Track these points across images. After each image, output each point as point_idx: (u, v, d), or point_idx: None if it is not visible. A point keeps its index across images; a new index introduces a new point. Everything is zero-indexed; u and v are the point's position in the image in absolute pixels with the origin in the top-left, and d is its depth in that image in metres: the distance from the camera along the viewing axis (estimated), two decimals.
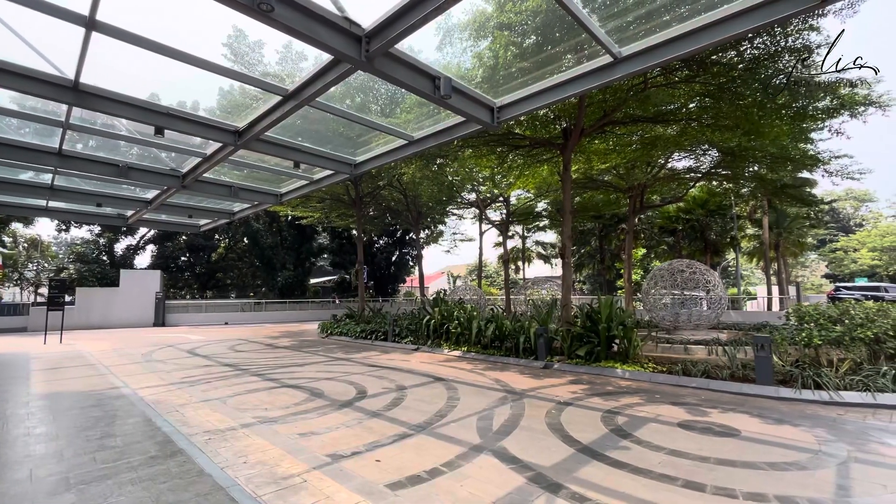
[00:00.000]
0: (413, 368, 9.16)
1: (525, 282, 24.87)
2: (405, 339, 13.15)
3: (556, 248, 37.41)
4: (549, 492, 3.41)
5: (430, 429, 5.03)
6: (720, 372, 7.22)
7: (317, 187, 9.43)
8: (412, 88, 4.88)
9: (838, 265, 50.85)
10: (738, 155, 13.89)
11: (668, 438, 4.59)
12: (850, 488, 3.43)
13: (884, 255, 48.89)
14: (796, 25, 8.37)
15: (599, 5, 5.59)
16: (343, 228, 32.79)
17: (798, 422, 5.14)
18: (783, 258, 28.66)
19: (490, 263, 60.25)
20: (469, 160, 13.91)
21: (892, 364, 6.49)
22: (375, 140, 7.71)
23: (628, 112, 10.97)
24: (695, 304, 13.63)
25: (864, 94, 11.10)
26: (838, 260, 51.43)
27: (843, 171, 16.66)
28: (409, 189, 19.71)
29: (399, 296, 40.51)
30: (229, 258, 37.67)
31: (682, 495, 3.33)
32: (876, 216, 56.42)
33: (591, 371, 8.34)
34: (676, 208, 25.27)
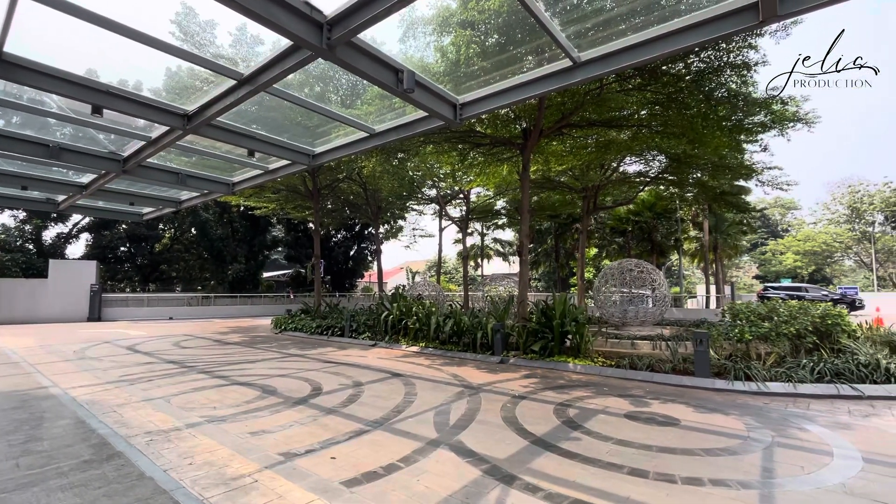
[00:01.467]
0: (370, 364, 9.07)
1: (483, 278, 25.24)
2: (363, 334, 12.99)
3: (514, 246, 38.21)
4: (503, 483, 3.50)
5: (387, 425, 5.01)
6: (663, 365, 7.66)
7: (272, 177, 9.08)
8: (375, 80, 4.80)
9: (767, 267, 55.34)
10: (684, 161, 14.75)
11: (615, 429, 4.83)
12: (774, 470, 3.75)
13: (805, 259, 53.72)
14: (737, 43, 8.98)
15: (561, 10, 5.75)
16: (299, 221, 31.83)
17: (730, 411, 5.56)
18: (720, 260, 30.77)
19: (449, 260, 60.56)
20: (430, 156, 13.90)
21: (811, 357, 7.15)
22: (335, 131, 7.52)
23: (585, 116, 11.36)
24: (641, 302, 14.37)
25: (793, 112, 12.09)
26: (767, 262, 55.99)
27: (774, 181, 18.17)
28: (369, 183, 19.43)
29: (357, 291, 39.90)
30: (175, 249, 35.56)
31: (628, 482, 3.51)
32: (800, 223, 61.79)
33: (545, 365, 8.60)
34: (627, 210, 26.51)
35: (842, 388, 6.26)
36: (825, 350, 7.43)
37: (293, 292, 33.76)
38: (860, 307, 26.01)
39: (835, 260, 55.78)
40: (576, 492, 3.33)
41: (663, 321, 15.14)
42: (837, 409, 5.57)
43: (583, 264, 20.38)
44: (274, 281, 40.61)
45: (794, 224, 62.18)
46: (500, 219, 28.59)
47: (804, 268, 53.42)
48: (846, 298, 26.84)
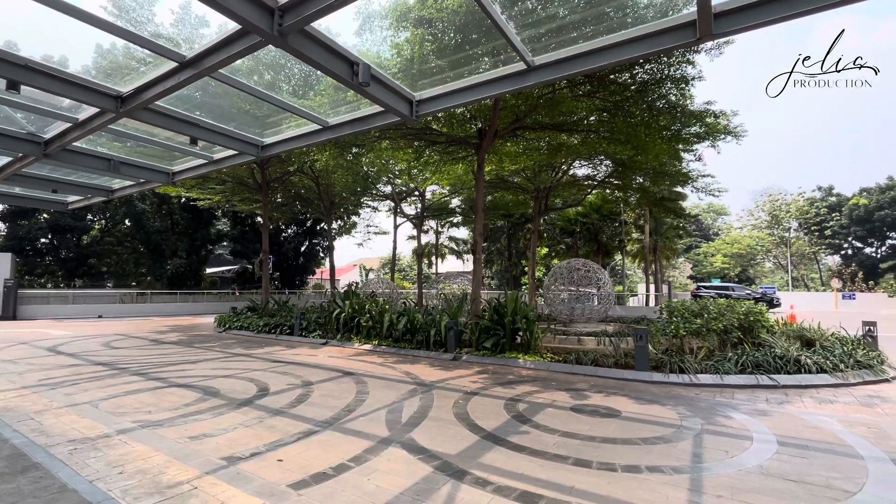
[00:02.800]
0: (321, 363, 8.85)
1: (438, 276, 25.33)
2: (313, 333, 12.64)
3: (469, 245, 38.63)
4: (454, 478, 3.54)
5: (338, 424, 4.92)
6: (607, 360, 8.06)
7: (217, 168, 8.60)
8: (329, 72, 4.68)
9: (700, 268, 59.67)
10: (628, 167, 15.56)
11: (561, 421, 5.02)
12: (702, 456, 4.06)
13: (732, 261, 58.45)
14: (677, 57, 9.58)
15: (516, 13, 5.87)
16: (247, 214, 30.40)
17: (666, 401, 5.94)
18: (659, 261, 32.79)
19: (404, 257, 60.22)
20: (386, 152, 13.74)
21: (735, 351, 7.79)
22: (286, 122, 7.25)
23: (538, 118, 11.68)
24: (588, 300, 15.00)
25: (724, 125, 13.09)
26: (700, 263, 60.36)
27: (707, 188, 19.62)
28: (321, 177, 18.89)
29: (308, 288, 38.72)
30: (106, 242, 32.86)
31: (573, 472, 3.67)
32: (728, 227, 67.11)
33: (497, 362, 8.78)
34: (575, 212, 27.58)
35: (761, 378, 6.88)
36: (748, 344, 8.12)
37: (239, 289, 32.23)
38: (777, 305, 28.69)
39: (757, 262, 61.14)
40: (524, 484, 3.43)
41: (607, 318, 15.89)
42: (757, 398, 6.12)
43: (534, 263, 20.99)
44: (218, 277, 38.56)
45: (723, 228, 67.44)
46: (455, 217, 28.80)
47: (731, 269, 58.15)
48: (766, 297, 29.55)
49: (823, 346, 8.24)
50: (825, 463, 3.88)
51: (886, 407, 5.68)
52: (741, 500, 3.19)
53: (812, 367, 7.17)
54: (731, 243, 59.98)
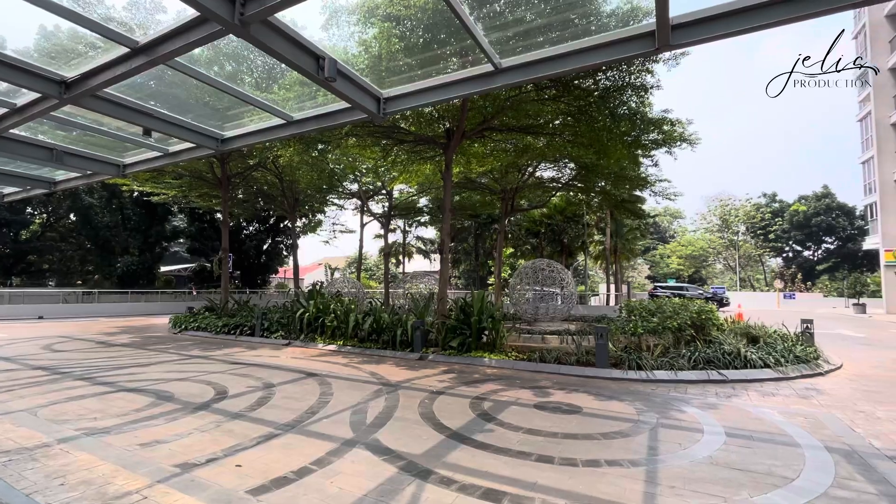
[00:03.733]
0: (283, 364, 8.61)
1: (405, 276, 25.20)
2: (275, 333, 12.28)
3: (436, 244, 38.66)
4: (419, 478, 3.53)
5: (300, 427, 4.80)
6: (569, 358, 8.27)
7: (173, 161, 8.19)
8: (293, 65, 4.54)
9: (657, 268, 62.32)
10: (591, 170, 16.04)
11: (525, 419, 5.11)
12: (658, 448, 4.24)
13: (686, 262, 61.43)
14: (637, 66, 9.96)
15: (485, 15, 5.92)
16: (205, 210, 29.17)
17: (624, 397, 6.16)
18: (619, 261, 33.96)
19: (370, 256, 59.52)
20: (353, 149, 13.54)
21: (688, 347, 8.19)
22: (248, 115, 6.99)
23: (505, 120, 11.84)
24: (552, 299, 15.34)
25: (680, 133, 13.73)
26: (657, 264, 63.04)
27: (664, 192, 20.55)
28: (285, 173, 18.39)
29: (270, 287, 37.61)
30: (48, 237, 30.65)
31: (536, 468, 3.74)
32: (683, 230, 70.46)
33: (463, 361, 8.83)
34: (540, 213, 28.15)
35: (711, 373, 7.26)
36: (700, 341, 8.55)
37: (197, 288, 30.88)
38: (727, 304, 30.37)
39: (709, 263, 64.53)
40: (488, 481, 3.47)
41: (570, 317, 16.32)
42: (708, 392, 6.45)
43: (500, 263, 21.25)
44: (174, 276, 36.81)
45: (678, 231, 70.74)
46: (422, 216, 28.76)
47: (686, 270, 61.10)
48: (716, 297, 31.23)
49: (767, 342, 8.80)
50: (768, 452, 4.13)
51: (821, 399, 6.12)
52: (692, 490, 3.35)
53: (757, 362, 7.63)
54: (686, 245, 63.11)
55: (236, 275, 33.49)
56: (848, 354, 9.88)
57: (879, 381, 7.34)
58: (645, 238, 41.80)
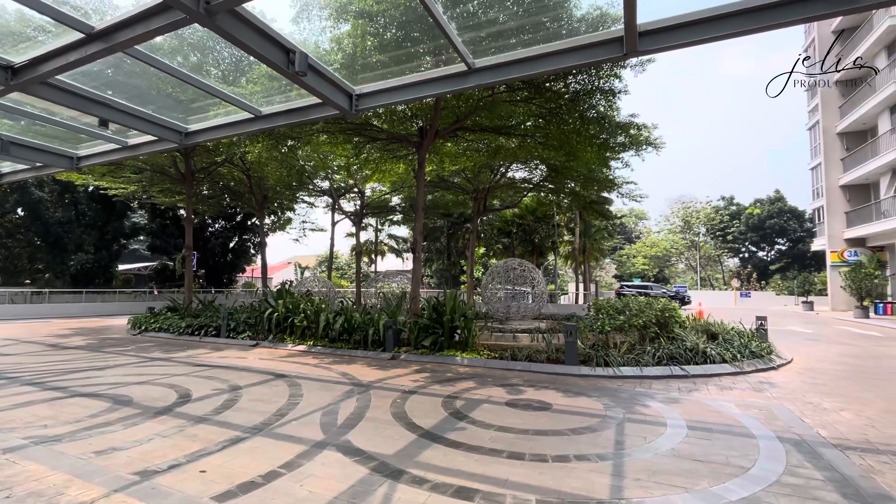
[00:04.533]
0: (250, 366, 8.37)
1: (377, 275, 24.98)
2: (243, 334, 11.92)
3: (408, 243, 38.51)
4: (391, 479, 3.51)
5: (269, 430, 4.68)
6: (540, 356, 8.42)
7: (133, 154, 7.80)
8: (262, 58, 4.42)
9: (623, 268, 64.29)
10: (561, 172, 16.36)
11: (497, 416, 5.17)
12: (624, 443, 4.37)
13: (650, 262, 63.64)
14: (606, 71, 10.21)
15: (458, 14, 5.93)
16: (168, 206, 27.96)
17: (592, 393, 6.32)
18: (588, 261, 34.82)
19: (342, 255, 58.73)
20: (324, 146, 13.30)
21: (653, 344, 8.48)
22: (214, 108, 6.75)
23: (478, 120, 11.91)
24: (523, 298, 15.56)
25: (646, 136, 14.19)
26: (623, 263, 65.05)
27: (630, 193, 21.23)
28: (253, 169, 17.87)
29: (237, 287, 36.49)
30: None
31: (507, 465, 3.79)
32: (648, 231, 72.92)
33: (435, 360, 8.83)
34: (512, 213, 28.49)
35: (674, 369, 7.54)
36: (663, 338, 8.87)
37: (158, 288, 29.60)
38: (688, 302, 31.69)
39: (672, 263, 67.06)
40: (460, 479, 3.49)
41: (541, 316, 16.60)
42: (671, 387, 6.70)
43: (472, 262, 21.38)
44: (134, 275, 35.16)
45: (643, 232, 73.14)
46: (395, 215, 28.56)
47: (650, 269, 63.29)
48: (679, 295, 32.54)
49: (725, 338, 9.22)
50: (725, 443, 4.34)
51: (774, 391, 6.47)
52: (656, 482, 3.47)
53: (716, 357, 7.99)
54: (651, 246, 65.36)
55: (201, 274, 32.30)
56: (797, 349, 10.49)
57: (825, 374, 7.82)
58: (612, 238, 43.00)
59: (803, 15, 3.34)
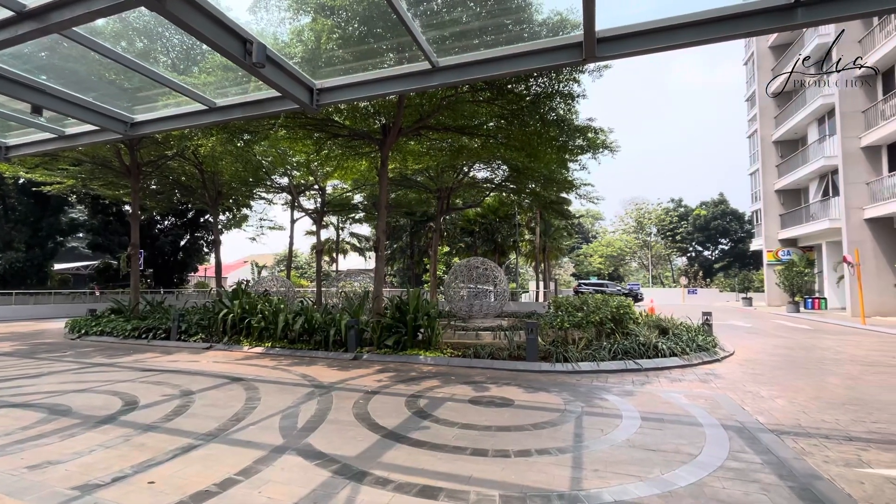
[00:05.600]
0: (204, 370, 7.99)
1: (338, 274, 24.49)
2: (195, 336, 11.36)
3: (371, 242, 38.03)
4: (354, 481, 3.45)
5: (224, 436, 4.49)
6: (502, 353, 8.55)
7: (71, 145, 7.23)
8: (217, 47, 4.21)
9: (581, 267, 66.48)
10: (522, 172, 16.68)
11: (460, 414, 5.20)
12: (583, 435, 4.52)
13: (606, 261, 66.18)
14: (566, 75, 10.50)
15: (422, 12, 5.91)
16: (112, 201, 26.19)
17: (552, 388, 6.50)
18: (548, 260, 35.72)
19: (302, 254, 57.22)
20: (283, 142, 12.88)
21: (609, 340, 8.82)
22: (163, 98, 6.37)
23: (441, 120, 11.93)
24: (486, 296, 15.76)
25: (602, 140, 14.71)
26: (581, 262, 67.25)
27: (588, 195, 21.97)
28: (206, 164, 17.03)
29: (189, 287, 34.72)
30: None
31: (471, 462, 3.82)
32: (604, 231, 75.78)
33: (398, 359, 8.78)
34: (475, 213, 28.77)
35: (629, 363, 7.88)
36: (619, 334, 9.24)
37: (100, 288, 27.67)
38: (641, 299, 33.18)
39: (626, 262, 70.04)
40: (424, 478, 3.48)
41: (503, 314, 16.88)
42: (625, 381, 6.99)
43: (435, 261, 21.41)
44: (72, 275, 32.67)
45: (600, 232, 75.93)
46: (357, 213, 28.11)
47: (606, 268, 65.80)
48: (632, 293, 34.04)
49: (675, 333, 9.73)
50: (676, 432, 4.58)
51: (719, 382, 6.90)
52: (612, 472, 3.61)
53: (666, 351, 8.42)
54: (606, 245, 67.96)
55: (149, 273, 30.50)
56: (738, 342, 11.23)
57: (763, 364, 8.43)
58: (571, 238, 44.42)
59: (746, 30, 3.57)
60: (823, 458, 3.90)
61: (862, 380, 7.08)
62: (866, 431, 4.62)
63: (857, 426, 4.79)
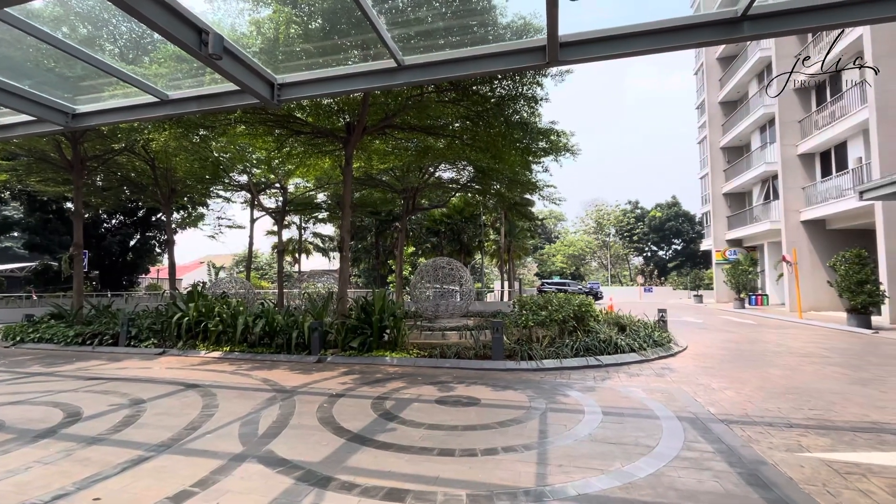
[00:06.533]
0: (156, 377, 7.57)
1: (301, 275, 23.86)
2: (146, 342, 10.74)
3: (335, 242, 37.31)
4: (318, 487, 3.37)
5: (179, 446, 4.26)
6: (468, 352, 8.60)
7: (4, 136, 6.67)
8: (169, 36, 3.98)
9: (544, 266, 67.97)
10: (487, 174, 16.85)
11: (427, 414, 5.18)
12: (547, 431, 4.61)
13: (568, 260, 68.00)
14: (529, 78, 10.69)
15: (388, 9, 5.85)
16: (51, 198, 24.34)
17: (517, 386, 6.60)
18: (512, 260, 36.28)
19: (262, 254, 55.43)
20: (242, 138, 12.41)
21: (571, 337, 9.06)
22: (110, 89, 5.98)
23: (407, 119, 11.86)
24: (452, 296, 15.80)
25: (564, 143, 15.09)
26: (544, 262, 68.77)
27: (551, 196, 22.50)
28: (159, 160, 16.14)
29: (139, 289, 32.82)
30: None
31: (438, 462, 3.81)
32: (566, 231, 77.88)
33: (364, 361, 8.65)
34: (441, 213, 28.82)
35: (590, 360, 8.12)
36: (580, 331, 9.51)
37: (37, 292, 25.67)
38: (601, 298, 34.32)
39: (586, 261, 72.26)
40: (391, 481, 3.45)
41: (469, 313, 16.97)
42: (587, 377, 7.20)
43: (401, 261, 21.28)
44: (6, 277, 30.05)
45: (562, 232, 77.98)
46: (320, 212, 27.49)
47: (568, 267, 67.64)
48: (593, 291, 35.14)
49: (633, 330, 10.12)
50: (635, 425, 4.75)
51: (674, 376, 7.23)
52: (576, 466, 3.71)
53: (625, 347, 8.74)
54: (568, 245, 69.89)
55: (94, 275, 28.58)
56: (691, 337, 11.82)
57: (713, 358, 8.91)
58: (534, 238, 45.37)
59: (696, 40, 3.76)
60: (768, 445, 4.16)
61: (799, 370, 7.62)
62: (804, 418, 4.97)
63: (797, 413, 5.15)
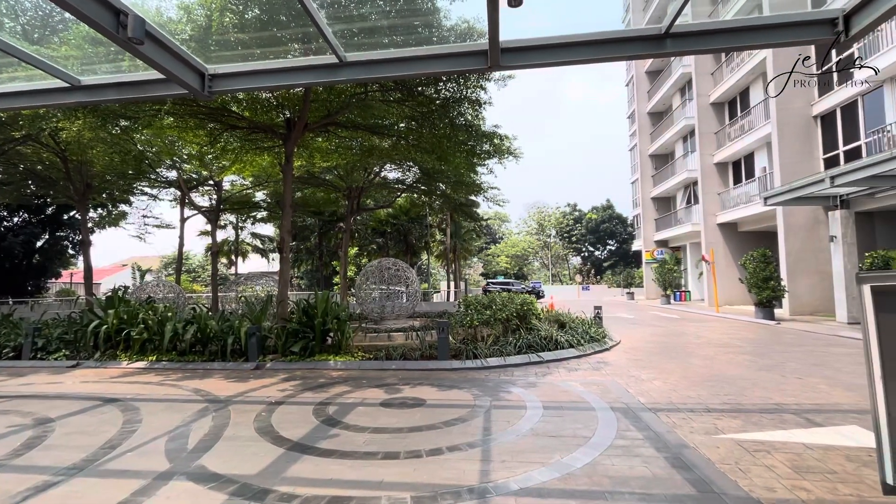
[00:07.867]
0: (67, 392, 6.82)
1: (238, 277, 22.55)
2: (56, 353, 9.65)
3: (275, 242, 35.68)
4: (255, 501, 3.20)
5: (93, 467, 3.87)
6: (414, 353, 8.57)
7: None
8: (80, 14, 3.60)
9: (489, 266, 69.49)
10: (433, 175, 16.95)
11: (371, 418, 5.10)
12: (491, 428, 4.70)
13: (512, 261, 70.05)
14: (473, 81, 10.87)
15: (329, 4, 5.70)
16: None
17: (463, 385, 6.67)
18: (458, 260, 36.72)
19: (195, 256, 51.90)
20: (170, 130, 11.52)
21: (514, 335, 9.31)
22: (9, 70, 5.32)
23: (350, 117, 11.62)
24: (398, 297, 15.68)
25: (507, 146, 15.51)
26: (489, 262, 70.31)
27: (495, 198, 23.05)
28: (72, 151, 14.59)
29: (48, 295, 29.46)
30: None
31: (382, 466, 3.76)
32: (509, 232, 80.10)
33: (306, 366, 8.35)
34: (386, 213, 28.54)
35: (532, 356, 8.39)
36: (523, 329, 9.80)
37: None
38: (542, 296, 35.65)
39: (529, 261, 74.78)
40: (333, 489, 3.35)
41: (415, 314, 16.92)
42: (529, 373, 7.43)
43: (345, 262, 20.79)
44: None
45: (506, 233, 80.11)
46: (259, 212, 26.17)
47: (512, 267, 69.63)
48: (535, 290, 36.45)
49: (572, 326, 10.60)
50: (573, 418, 4.97)
51: (608, 369, 7.65)
52: (518, 461, 3.81)
53: (565, 344, 9.13)
54: (512, 246, 71.96)
55: None
56: (623, 332, 12.60)
57: (643, 351, 9.55)
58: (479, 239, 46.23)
59: (626, 53, 4.02)
60: (689, 430, 4.52)
61: (716, 359, 8.37)
62: (720, 403, 5.47)
63: (714, 399, 5.65)
